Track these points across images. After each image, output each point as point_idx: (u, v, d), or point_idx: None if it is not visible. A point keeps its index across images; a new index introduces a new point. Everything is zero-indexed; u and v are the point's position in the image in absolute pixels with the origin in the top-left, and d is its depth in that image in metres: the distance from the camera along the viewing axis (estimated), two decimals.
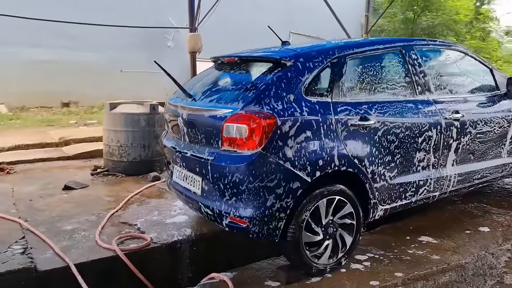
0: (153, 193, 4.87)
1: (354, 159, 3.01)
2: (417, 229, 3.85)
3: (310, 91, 2.95)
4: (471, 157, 3.78)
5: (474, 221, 4.01)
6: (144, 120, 5.61)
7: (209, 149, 2.99)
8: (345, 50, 3.18)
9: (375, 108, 3.14)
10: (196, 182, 3.14)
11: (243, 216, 2.79)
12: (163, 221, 3.94)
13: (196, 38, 6.08)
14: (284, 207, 2.79)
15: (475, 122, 3.72)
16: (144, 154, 5.65)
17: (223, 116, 2.85)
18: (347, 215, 3.07)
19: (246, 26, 13.26)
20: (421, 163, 3.42)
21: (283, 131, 2.74)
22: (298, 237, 2.86)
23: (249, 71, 3.27)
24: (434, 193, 3.58)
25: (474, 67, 4.03)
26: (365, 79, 3.26)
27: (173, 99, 3.58)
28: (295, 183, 2.78)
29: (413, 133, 3.31)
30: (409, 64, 3.46)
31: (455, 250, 3.43)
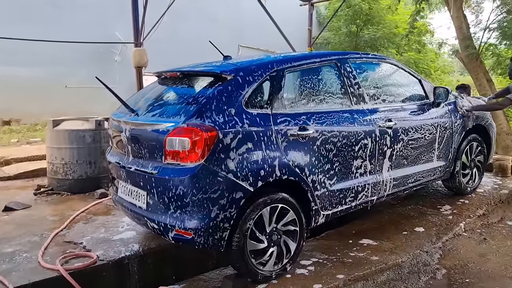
0: (100, 210, 4.78)
1: (295, 168, 3.14)
2: (359, 233, 4.04)
3: (251, 103, 3.06)
4: (404, 162, 4.03)
5: (411, 222, 4.26)
6: (90, 136, 5.51)
7: (153, 163, 3.02)
8: (283, 64, 3.33)
9: (313, 119, 3.29)
10: (141, 196, 3.15)
11: (188, 228, 2.84)
12: (110, 238, 3.89)
13: (142, 52, 6.06)
14: (228, 217, 2.86)
15: (406, 129, 3.98)
16: (91, 171, 5.54)
17: (165, 130, 2.89)
18: (290, 222, 3.18)
19: (194, 40, 13.28)
20: (359, 170, 3.61)
21: (225, 143, 2.83)
22: (243, 245, 2.93)
23: (191, 85, 3.34)
24: (372, 198, 3.78)
25: (405, 78, 4.32)
26: (303, 91, 3.43)
27: (116, 114, 3.58)
28: (238, 193, 2.86)
29: (349, 141, 3.49)
30: (344, 76, 3.67)
31: (393, 250, 3.63)
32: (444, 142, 4.40)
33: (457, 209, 4.53)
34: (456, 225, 4.15)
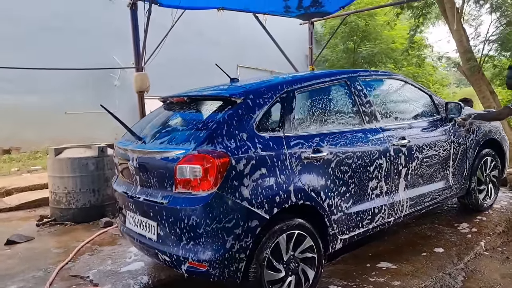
0: (106, 240, 4.65)
1: (310, 192, 3.02)
2: (376, 256, 3.88)
3: (262, 127, 2.96)
4: (420, 181, 3.91)
5: (429, 242, 4.10)
6: (93, 163, 5.41)
7: (162, 193, 2.90)
8: (294, 85, 3.24)
9: (327, 140, 3.19)
10: (151, 227, 3.01)
11: (203, 260, 2.70)
12: (117, 270, 3.76)
13: (143, 77, 5.98)
14: (244, 247, 2.72)
15: (421, 147, 3.87)
16: (94, 199, 5.42)
17: (175, 158, 2.78)
18: (307, 249, 3.05)
19: (194, 62, 13.29)
20: (375, 191, 3.49)
21: (238, 169, 2.71)
22: (260, 276, 2.79)
23: (199, 110, 3.24)
24: (389, 219, 3.65)
25: (415, 94, 4.23)
26: (314, 112, 3.33)
27: (122, 142, 3.47)
28: (254, 221, 2.73)
29: (364, 162, 3.38)
30: (355, 95, 3.57)
31: (414, 274, 3.47)
32: (458, 158, 4.28)
33: (476, 227, 4.38)
34: (476, 244, 4.00)
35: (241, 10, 7.37)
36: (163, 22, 6.68)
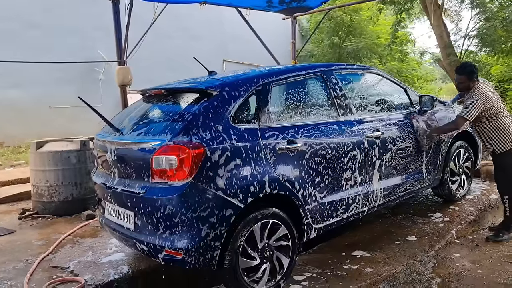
0: (87, 232, 4.68)
1: (285, 182, 3.10)
2: (352, 244, 4.00)
3: (238, 118, 3.04)
4: (394, 172, 4.03)
5: (403, 231, 4.24)
6: (75, 157, 5.43)
7: (139, 183, 2.96)
8: (269, 78, 3.32)
9: (301, 132, 3.27)
10: (129, 217, 3.08)
11: (178, 248, 2.77)
12: (98, 261, 3.79)
13: (125, 71, 5.99)
14: (219, 235, 2.80)
15: (394, 139, 3.98)
16: (76, 193, 5.44)
17: (151, 149, 2.84)
18: (282, 237, 3.14)
19: (179, 56, 13.26)
20: (349, 182, 3.59)
21: (213, 160, 2.79)
22: (235, 264, 2.88)
23: (176, 102, 3.30)
24: (363, 209, 3.76)
25: (390, 87, 4.34)
26: (290, 104, 3.41)
27: (100, 134, 3.52)
28: (228, 210, 2.81)
29: (338, 153, 3.48)
30: (330, 88, 3.67)
31: (387, 261, 3.60)
32: (432, 150, 4.40)
33: (448, 216, 4.52)
34: (448, 232, 4.14)
35: (223, 4, 7.39)
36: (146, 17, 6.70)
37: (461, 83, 4.12)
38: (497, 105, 3.99)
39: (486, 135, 4.07)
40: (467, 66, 4.16)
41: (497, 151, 4.01)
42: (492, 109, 3.96)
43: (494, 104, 3.97)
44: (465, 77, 4.05)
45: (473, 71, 4.05)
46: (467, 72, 4.05)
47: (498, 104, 4.01)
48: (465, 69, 4.10)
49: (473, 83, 4.04)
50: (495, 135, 4.00)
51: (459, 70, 4.15)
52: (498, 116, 3.99)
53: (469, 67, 4.10)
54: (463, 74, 4.07)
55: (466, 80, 4.05)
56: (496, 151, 4.02)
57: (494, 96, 4.01)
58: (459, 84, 4.18)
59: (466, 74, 4.05)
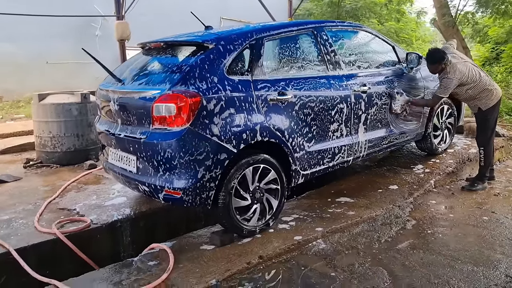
0: (90, 180, 4.94)
1: (275, 131, 3.35)
2: (338, 192, 4.31)
3: (232, 71, 3.24)
4: (379, 125, 4.28)
5: (386, 181, 4.55)
6: (76, 109, 5.61)
7: (141, 129, 3.20)
8: (262, 33, 3.50)
9: (292, 84, 3.49)
10: (131, 161, 3.34)
11: (177, 188, 3.04)
12: (102, 204, 4.07)
13: (124, 25, 6.11)
14: (214, 177, 3.08)
15: (380, 94, 4.21)
16: (79, 144, 5.66)
17: (152, 97, 3.06)
18: (272, 181, 3.42)
19: (177, 11, 13.17)
20: (336, 133, 3.85)
21: (209, 108, 3.02)
22: (228, 203, 3.17)
23: (174, 54, 3.50)
24: (348, 158, 4.04)
25: (379, 45, 4.52)
26: (282, 59, 3.61)
27: (103, 85, 3.73)
28: (222, 154, 3.07)
29: (326, 105, 3.71)
30: (320, 44, 3.85)
31: (368, 206, 3.92)
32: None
33: (429, 168, 4.83)
34: (427, 182, 4.46)
35: None
36: None
37: (433, 70, 4.36)
38: (472, 72, 4.25)
39: (472, 99, 4.36)
40: (435, 54, 4.31)
41: (483, 108, 4.29)
42: (468, 78, 4.23)
43: (469, 74, 4.23)
44: (438, 65, 4.27)
45: (442, 57, 4.24)
46: (438, 59, 4.26)
47: (472, 71, 4.26)
48: (435, 58, 4.28)
49: (444, 65, 4.25)
50: (479, 96, 4.28)
51: (430, 59, 4.33)
52: (477, 81, 4.25)
53: (437, 55, 4.28)
54: (435, 63, 4.28)
55: (440, 66, 4.27)
56: (483, 108, 4.29)
57: (465, 67, 4.24)
58: (432, 71, 4.40)
59: (438, 61, 4.26)
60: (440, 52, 4.31)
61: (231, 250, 3.17)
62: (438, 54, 4.27)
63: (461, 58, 4.34)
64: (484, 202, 4.09)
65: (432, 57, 4.30)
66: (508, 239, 3.31)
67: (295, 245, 3.22)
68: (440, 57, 4.25)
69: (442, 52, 4.30)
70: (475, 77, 4.24)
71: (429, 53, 4.36)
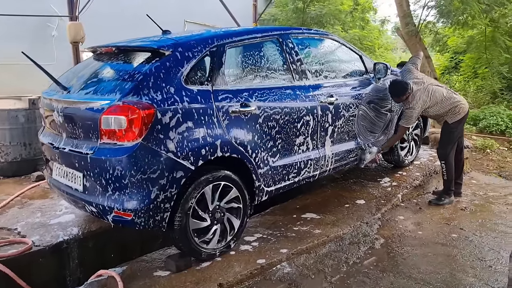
0: (37, 193, 4.57)
1: (237, 145, 3.11)
2: (303, 207, 4.12)
3: (190, 80, 2.98)
4: (346, 137, 4.12)
5: (353, 195, 4.40)
6: (23, 116, 5.23)
7: (88, 144, 2.89)
8: (224, 39, 3.25)
9: (255, 95, 3.26)
10: (77, 178, 3.01)
11: (128, 209, 2.75)
12: (47, 222, 3.73)
13: (77, 26, 5.71)
14: (169, 197, 2.80)
15: (348, 105, 4.05)
16: (26, 153, 5.27)
17: (100, 108, 2.76)
18: (233, 199, 3.17)
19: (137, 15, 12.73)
20: (301, 147, 3.65)
21: (164, 121, 2.74)
22: (185, 225, 2.90)
23: (127, 61, 3.19)
24: (314, 173, 3.85)
25: (346, 54, 4.37)
26: (245, 67, 3.37)
27: (47, 92, 3.38)
28: (179, 172, 2.80)
29: (292, 118, 3.50)
30: (286, 52, 3.65)
31: (335, 223, 3.73)
32: (384, 117, 4.52)
33: (396, 181, 4.73)
34: (394, 196, 4.34)
35: None
36: None
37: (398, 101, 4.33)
38: (436, 96, 4.18)
39: (439, 117, 4.33)
40: (399, 87, 4.22)
41: (449, 121, 4.23)
42: (431, 102, 4.18)
43: (432, 98, 4.17)
44: (402, 96, 4.20)
45: (405, 88, 4.17)
46: (401, 92, 4.19)
47: (436, 94, 4.18)
48: (398, 91, 4.21)
49: (406, 96, 4.19)
50: (445, 114, 4.22)
51: (394, 93, 4.27)
52: (442, 102, 4.18)
53: (401, 88, 4.20)
54: (399, 96, 4.22)
55: (404, 97, 4.20)
56: (449, 121, 4.23)
57: (427, 93, 4.17)
58: (398, 102, 4.37)
59: (402, 94, 4.19)
60: (403, 84, 4.22)
61: (188, 276, 2.89)
62: (401, 87, 4.20)
63: (424, 82, 4.24)
64: (451, 218, 4.00)
65: (396, 91, 4.24)
66: (479, 260, 3.20)
67: (258, 270, 2.98)
68: (403, 89, 4.18)
69: (404, 84, 4.21)
70: (439, 99, 4.19)
71: (392, 86, 4.27)
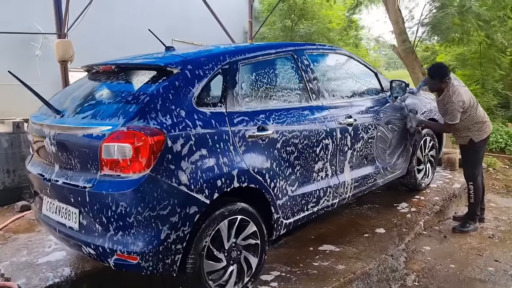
0: (22, 226, 4.14)
1: (255, 174, 2.77)
2: (319, 238, 3.77)
3: (202, 101, 2.64)
4: (365, 161, 3.80)
5: (370, 223, 4.06)
6: (7, 141, 4.83)
7: (85, 175, 2.51)
8: (237, 55, 2.93)
9: (273, 117, 2.94)
10: (72, 215, 2.62)
11: (133, 251, 2.37)
12: (34, 262, 3.30)
13: (66, 44, 5.35)
14: (181, 237, 2.43)
15: (366, 126, 3.74)
16: (9, 181, 4.85)
17: (100, 135, 2.39)
18: (250, 235, 2.82)
19: (124, 32, 12.42)
20: (320, 173, 3.31)
21: (175, 149, 2.39)
22: (199, 268, 2.52)
23: (129, 81, 2.83)
24: (333, 201, 3.51)
25: (361, 71, 4.08)
26: (259, 86, 3.05)
27: (37, 117, 2.99)
28: (192, 207, 2.44)
29: (311, 141, 3.18)
30: (301, 69, 3.34)
31: (358, 256, 3.39)
32: (402, 138, 4.24)
33: (414, 206, 4.41)
34: (416, 223, 4.01)
35: None
36: None
37: (433, 84, 3.98)
38: (472, 100, 3.92)
39: (465, 129, 3.98)
40: (436, 67, 4.00)
41: (475, 140, 3.95)
42: (468, 105, 3.89)
43: (470, 100, 3.89)
44: (437, 80, 3.91)
45: (444, 72, 3.90)
46: (438, 75, 3.90)
47: (472, 99, 3.93)
48: (437, 72, 3.94)
49: (444, 84, 3.90)
50: (473, 127, 3.95)
51: (431, 72, 3.98)
52: (473, 109, 3.91)
53: (439, 70, 3.94)
54: (434, 77, 3.92)
55: (439, 83, 3.91)
56: (475, 140, 3.95)
57: (466, 93, 3.93)
58: (431, 86, 4.03)
59: (439, 77, 3.90)
60: (445, 68, 3.95)
61: None
62: (443, 70, 3.91)
63: (461, 83, 3.99)
64: (482, 248, 3.69)
65: (438, 70, 3.93)
66: None
67: None
68: (444, 73, 3.87)
69: (447, 69, 3.94)
70: (473, 104, 3.91)
71: (435, 66, 4.03)
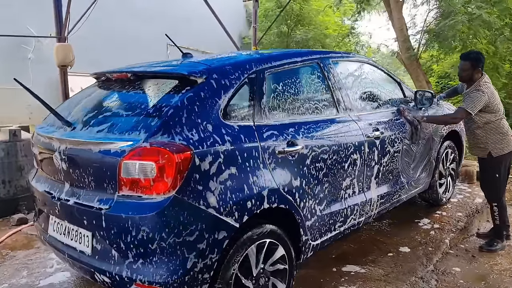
0: (19, 242, 3.90)
1: (285, 193, 2.53)
2: (341, 257, 3.54)
3: (229, 114, 2.41)
4: (390, 177, 3.58)
5: (393, 241, 3.83)
6: (3, 149, 4.56)
7: (101, 195, 2.25)
8: (263, 64, 2.71)
9: (302, 131, 2.71)
10: (84, 238, 2.36)
11: (155, 281, 2.12)
12: (36, 284, 3.07)
13: (66, 48, 5.07)
14: (209, 265, 2.19)
15: (393, 140, 3.52)
16: (5, 192, 4.59)
17: (119, 151, 2.14)
18: (278, 260, 2.57)
19: (122, 35, 12.14)
20: (348, 190, 3.09)
21: (203, 168, 2.15)
22: None
23: (148, 90, 2.58)
24: (360, 219, 3.28)
25: (385, 80, 3.87)
26: (287, 97, 2.81)
27: (44, 129, 2.72)
28: (221, 232, 2.20)
29: (340, 157, 2.95)
30: (327, 79, 3.13)
31: (386, 279, 3.16)
32: (426, 151, 4.03)
33: (437, 223, 4.19)
34: (441, 242, 3.79)
35: None
36: None
37: (465, 70, 3.71)
38: (499, 103, 3.69)
39: (483, 137, 3.71)
40: (473, 52, 3.84)
41: (494, 154, 3.70)
42: (494, 106, 3.63)
43: (496, 101, 3.66)
44: (470, 64, 3.66)
45: (479, 58, 3.69)
46: (472, 58, 3.68)
47: (499, 102, 3.71)
48: (470, 55, 3.75)
49: (477, 74, 3.67)
50: (493, 136, 3.67)
51: (464, 55, 3.79)
52: (497, 116, 3.67)
53: (475, 54, 3.75)
54: (468, 60, 3.69)
55: (470, 68, 3.66)
56: (494, 154, 3.70)
57: (497, 95, 3.71)
58: (462, 72, 3.75)
59: (471, 60, 3.67)
60: (479, 54, 3.77)
61: None
62: (476, 55, 3.72)
63: None
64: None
65: (468, 54, 3.77)
66: None
67: None
68: (477, 57, 3.68)
69: (481, 55, 3.75)
70: (499, 109, 3.67)
71: (471, 52, 3.88)
